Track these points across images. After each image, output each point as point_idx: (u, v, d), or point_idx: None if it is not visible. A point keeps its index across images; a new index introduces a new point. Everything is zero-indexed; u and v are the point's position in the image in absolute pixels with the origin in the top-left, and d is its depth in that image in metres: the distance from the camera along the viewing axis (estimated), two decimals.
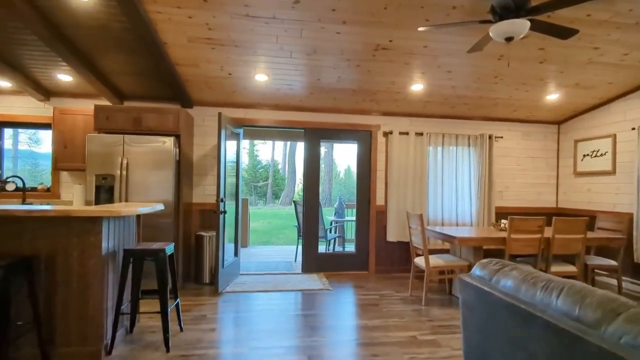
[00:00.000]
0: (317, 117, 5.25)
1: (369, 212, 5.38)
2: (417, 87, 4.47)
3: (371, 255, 5.36)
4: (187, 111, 4.61)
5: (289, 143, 26.63)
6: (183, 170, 4.43)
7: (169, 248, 2.96)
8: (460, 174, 5.48)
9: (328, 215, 7.35)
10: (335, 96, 4.76)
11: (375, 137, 5.37)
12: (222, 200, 4.22)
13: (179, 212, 4.35)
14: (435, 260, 4.04)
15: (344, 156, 31.42)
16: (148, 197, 4.11)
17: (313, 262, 5.27)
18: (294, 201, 6.26)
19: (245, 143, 30.96)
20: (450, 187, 5.45)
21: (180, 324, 3.21)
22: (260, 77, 4.20)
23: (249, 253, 6.91)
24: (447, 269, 4.10)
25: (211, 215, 4.96)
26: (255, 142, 28.64)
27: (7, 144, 5.41)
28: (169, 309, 2.85)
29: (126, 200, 4.07)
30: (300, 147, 27.57)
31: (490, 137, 5.51)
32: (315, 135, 5.26)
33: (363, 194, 5.39)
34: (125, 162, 4.06)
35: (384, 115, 5.41)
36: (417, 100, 4.91)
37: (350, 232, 8.44)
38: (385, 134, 5.39)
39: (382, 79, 4.27)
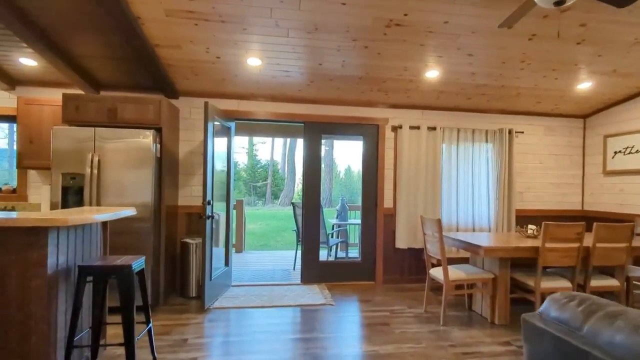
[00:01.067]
0: (318, 110, 4.70)
1: (375, 216, 4.83)
2: (432, 73, 3.92)
3: (378, 264, 4.81)
4: (170, 102, 4.07)
5: (288, 141, 26.10)
6: (166, 169, 3.89)
7: (138, 263, 2.41)
8: (477, 173, 4.93)
9: (329, 217, 6.80)
10: (339, 85, 4.21)
11: (382, 132, 4.82)
12: (209, 203, 3.67)
13: (161, 216, 3.80)
14: (456, 273, 3.49)
15: (344, 155, 30.91)
16: (123, 199, 3.56)
17: (313, 271, 4.73)
18: (292, 203, 5.71)
19: (243, 142, 30.62)
20: (465, 188, 4.90)
21: (153, 353, 2.66)
22: (253, 62, 3.65)
23: (243, 259, 6.36)
24: (468, 283, 3.55)
25: (199, 220, 4.41)
26: (255, 141, 28.14)
27: None
28: (138, 337, 2.30)
29: (98, 204, 3.52)
30: (301, 144, 27.07)
31: (510, 132, 4.97)
32: (316, 130, 4.71)
33: (369, 195, 4.84)
34: (96, 159, 3.51)
35: (393, 107, 4.86)
36: (431, 90, 4.36)
37: (354, 236, 7.91)
38: (394, 129, 4.85)
39: (393, 64, 3.72)
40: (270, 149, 27.82)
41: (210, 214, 3.70)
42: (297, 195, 24.94)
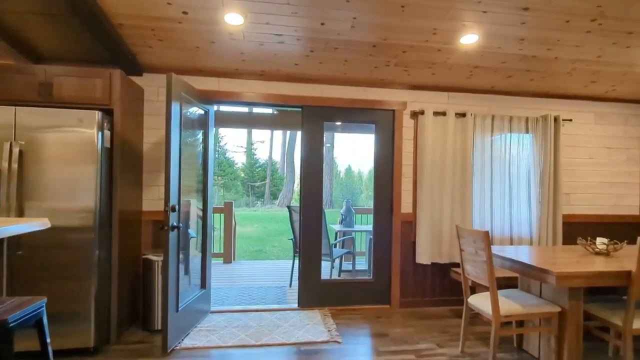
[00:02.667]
0: (319, 91, 3.77)
1: (390, 223, 3.90)
2: (469, 39, 2.98)
3: (394, 283, 3.87)
4: (131, 79, 3.14)
5: (287, 139, 25.19)
6: (121, 164, 2.96)
7: (25, 312, 1.47)
8: (514, 170, 4.00)
9: (331, 222, 5.87)
10: (346, 56, 3.27)
11: (399, 120, 3.88)
12: (173, 210, 2.73)
13: (112, 226, 2.87)
14: (507, 304, 2.55)
15: (345, 153, 29.99)
16: (56, 202, 2.63)
17: (314, 292, 3.79)
18: (288, 207, 4.78)
19: (241, 140, 29.70)
20: (501, 189, 3.97)
21: None
22: (233, 19, 2.71)
23: (232, 272, 5.42)
24: (526, 319, 2.61)
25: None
26: (253, 139, 27.25)
27: None
28: None
29: (20, 207, 2.59)
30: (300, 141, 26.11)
31: (556, 119, 4.03)
32: (317, 116, 3.77)
33: (382, 197, 3.90)
34: (17, 150, 2.58)
35: (412, 88, 3.92)
36: (462, 64, 3.42)
37: (360, 244, 6.97)
38: (414, 115, 3.91)
39: (420, 24, 2.78)
40: (268, 148, 26.96)
41: (175, 224, 2.76)
42: (296, 196, 24.01)
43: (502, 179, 3.97)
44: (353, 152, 31.06)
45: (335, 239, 5.60)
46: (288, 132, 25.35)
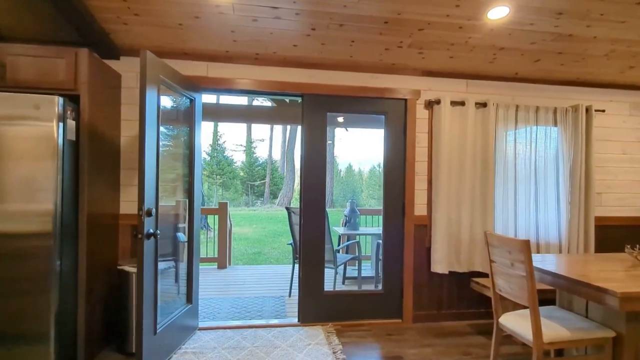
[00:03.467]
0: (322, 77, 3.33)
1: (402, 227, 3.45)
2: (498, 12, 2.53)
3: (407, 295, 3.43)
4: (101, 61, 2.70)
5: (287, 137, 24.75)
6: (92, 160, 2.52)
7: None
8: (541, 167, 3.55)
9: (333, 224, 5.43)
10: (353, 36, 2.82)
11: (412, 110, 3.44)
12: (149, 214, 2.29)
13: (79, 232, 2.43)
14: (554, 330, 2.10)
15: (345, 150, 29.54)
16: (6, 205, 2.19)
17: (316, 306, 3.35)
18: (287, 208, 4.34)
19: (241, 138, 29.26)
20: (527, 188, 3.52)
21: None
22: None
23: (226, 279, 4.98)
24: (573, 346, 2.16)
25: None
26: (253, 138, 26.82)
27: None
28: None
29: None
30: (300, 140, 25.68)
31: (587, 110, 3.59)
32: (320, 106, 3.33)
33: (393, 197, 3.46)
34: None
35: (427, 75, 3.48)
36: (486, 45, 2.97)
37: (365, 247, 6.52)
38: (429, 105, 3.46)
39: None
40: (268, 146, 26.57)
41: (152, 231, 2.31)
42: (296, 195, 23.59)
43: (527, 178, 3.53)
44: (354, 149, 30.64)
45: (339, 243, 5.16)
46: (288, 130, 24.93)
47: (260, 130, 34.43)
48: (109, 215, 2.83)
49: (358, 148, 31.21)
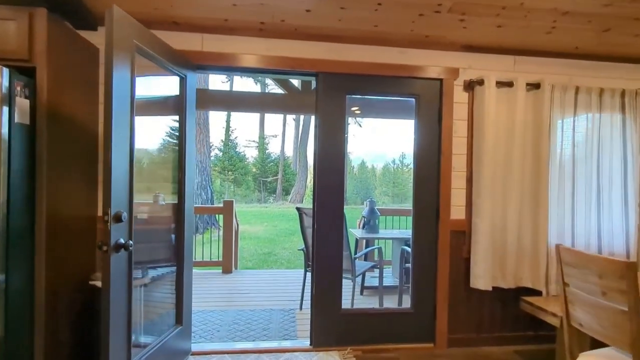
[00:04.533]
0: (340, 52, 2.76)
1: (436, 233, 2.88)
2: None
3: (440, 314, 2.86)
4: (69, 28, 2.20)
5: (300, 132, 24.24)
6: (57, 150, 2.02)
7: None
8: (605, 163, 2.93)
9: (348, 225, 4.87)
10: None
11: (449, 92, 2.85)
12: (118, 219, 1.76)
13: (36, 238, 1.94)
14: None
15: (358, 145, 28.88)
16: None
17: (332, 326, 2.80)
18: (297, 208, 3.80)
19: (253, 134, 29.32)
20: (587, 187, 2.91)
21: None
22: None
23: (231, 287, 4.48)
24: None
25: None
26: (266, 134, 26.43)
27: None
28: None
29: None
30: (314, 137, 25.19)
31: None
32: (338, 87, 2.77)
33: (424, 198, 2.88)
34: None
35: (467, 50, 2.89)
36: (545, 9, 2.36)
37: (385, 251, 5.94)
38: (469, 86, 2.87)
39: None
40: (281, 142, 26.13)
41: (122, 241, 1.79)
42: (309, 192, 23.10)
43: (588, 175, 2.91)
44: (368, 144, 29.89)
45: (356, 249, 4.59)
46: (301, 125, 24.42)
47: (273, 126, 33.98)
48: (81, 218, 2.33)
49: (372, 143, 30.47)
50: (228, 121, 25.79)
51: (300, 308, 3.67)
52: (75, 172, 2.26)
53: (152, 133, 2.49)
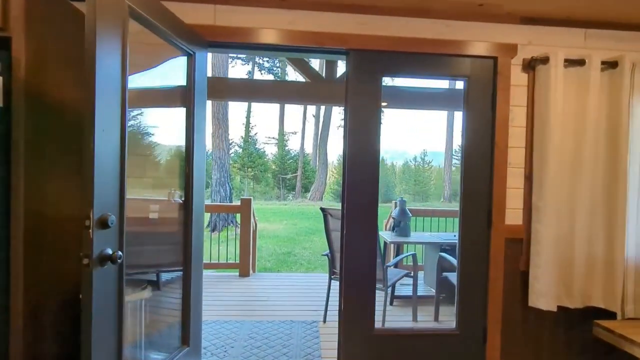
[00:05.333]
0: (376, 25, 2.33)
1: (487, 241, 2.42)
2: None
3: (492, 338, 2.41)
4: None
5: (320, 129, 23.89)
6: (40, 138, 1.68)
7: None
8: None
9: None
10: None
11: (504, 72, 2.39)
12: (104, 224, 1.40)
13: (11, 243, 1.60)
14: None
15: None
16: None
17: (364, 351, 2.38)
18: (322, 209, 3.40)
19: (273, 131, 29.50)
20: None
21: None
22: None
23: (248, 293, 4.13)
24: None
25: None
26: (285, 130, 26.20)
27: None
28: None
29: None
30: (335, 133, 24.83)
31: None
32: (372, 66, 2.34)
33: (474, 199, 2.44)
34: None
35: (528, 22, 2.41)
36: None
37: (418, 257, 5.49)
38: (530, 65, 2.40)
39: None
40: (300, 139, 25.87)
41: (109, 252, 1.42)
42: (329, 190, 22.71)
43: None
44: (388, 140, 29.26)
45: (384, 255, 4.16)
46: (320, 122, 24.06)
47: (293, 122, 33.77)
48: (72, 221, 1.99)
49: (392, 139, 29.78)
50: (248, 117, 25.68)
51: (324, 320, 3.28)
52: (64, 167, 1.92)
53: (169, 125, 2.15)
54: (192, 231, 2.14)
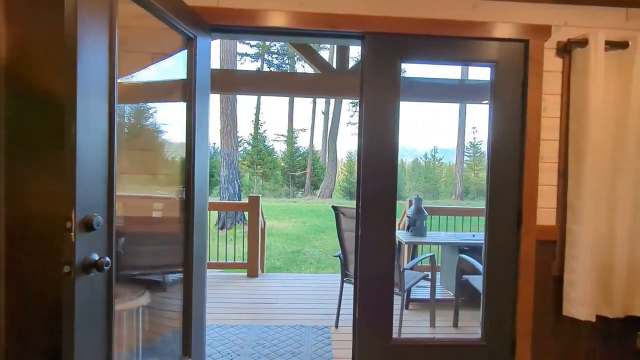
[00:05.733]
0: (394, 6, 2.12)
1: (517, 242, 2.20)
2: None
3: (522, 349, 2.19)
4: None
5: (329, 125, 23.70)
6: (21, 127, 1.51)
7: None
8: None
9: None
10: None
11: (536, 57, 2.16)
12: (89, 226, 1.23)
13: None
14: None
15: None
16: None
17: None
18: (333, 207, 3.21)
19: (282, 128, 29.55)
20: None
21: None
22: None
23: (256, 295, 3.96)
24: None
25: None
26: (295, 127, 26.06)
27: None
28: None
29: None
30: (344, 130, 24.62)
31: None
32: (389, 51, 2.13)
33: (502, 196, 2.22)
34: None
35: (561, 1, 2.17)
36: None
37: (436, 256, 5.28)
38: (566, 48, 2.16)
39: None
40: (309, 136, 25.72)
41: (95, 258, 1.25)
42: (338, 187, 22.50)
43: None
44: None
45: (403, 267, 3.95)
46: (330, 118, 23.86)
47: (302, 119, 33.63)
48: (61, 219, 1.82)
49: (401, 136, 29.43)
50: (257, 114, 25.59)
51: (336, 326, 3.10)
52: (53, 162, 1.75)
53: (179, 120, 1.98)
54: (193, 231, 1.96)
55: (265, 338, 2.88)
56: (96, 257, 1.24)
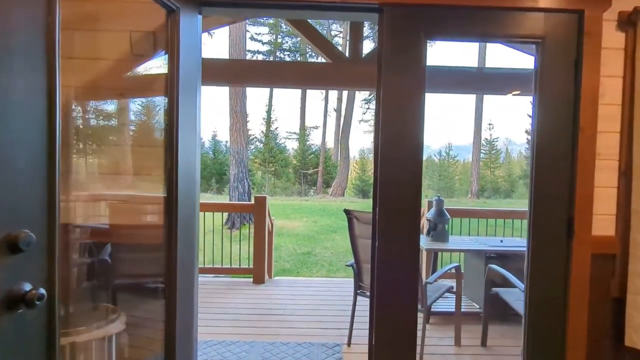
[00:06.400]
0: None
1: (567, 255, 1.83)
2: None
3: None
4: None
5: (341, 123, 23.35)
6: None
7: None
8: None
9: None
10: None
11: (593, 31, 1.77)
12: (14, 247, 0.91)
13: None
14: None
15: None
16: None
17: None
18: (345, 211, 2.86)
19: (294, 126, 29.30)
20: None
21: None
22: None
23: (262, 304, 3.65)
24: None
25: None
26: (307, 125, 25.76)
27: None
28: None
29: None
30: (356, 127, 24.21)
31: None
32: (412, 27, 1.77)
33: (549, 200, 1.84)
34: None
35: None
36: None
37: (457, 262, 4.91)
38: (628, 20, 1.78)
39: None
40: (322, 133, 25.43)
41: (24, 289, 0.93)
42: (351, 185, 22.12)
43: None
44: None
45: (428, 279, 3.59)
46: (342, 116, 23.49)
47: (314, 117, 33.32)
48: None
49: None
50: (269, 112, 25.38)
51: (349, 344, 2.76)
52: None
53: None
54: (177, 238, 1.64)
55: (269, 358, 2.56)
56: (26, 287, 0.92)
